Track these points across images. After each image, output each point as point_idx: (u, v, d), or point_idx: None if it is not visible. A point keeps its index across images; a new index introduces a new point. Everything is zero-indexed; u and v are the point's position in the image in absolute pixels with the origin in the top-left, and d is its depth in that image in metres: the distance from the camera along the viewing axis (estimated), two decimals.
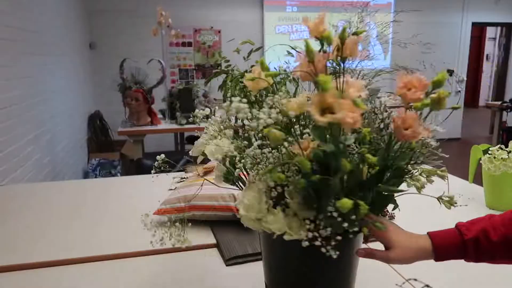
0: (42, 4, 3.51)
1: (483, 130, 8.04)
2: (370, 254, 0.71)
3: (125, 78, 3.46)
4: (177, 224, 0.80)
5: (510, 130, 5.36)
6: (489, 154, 1.37)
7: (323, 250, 0.60)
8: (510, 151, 1.33)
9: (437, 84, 0.60)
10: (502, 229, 0.68)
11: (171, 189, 1.64)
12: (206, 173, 1.44)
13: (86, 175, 4.56)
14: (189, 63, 6.20)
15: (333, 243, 0.60)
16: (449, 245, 0.70)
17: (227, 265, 1.07)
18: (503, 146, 1.35)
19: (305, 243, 0.61)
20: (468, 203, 1.48)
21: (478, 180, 1.60)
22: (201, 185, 1.28)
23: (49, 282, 1.01)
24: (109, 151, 5.01)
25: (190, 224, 0.90)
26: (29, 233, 1.27)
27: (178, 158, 3.18)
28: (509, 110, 5.27)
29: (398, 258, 0.69)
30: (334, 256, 0.60)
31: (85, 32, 5.52)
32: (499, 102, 5.38)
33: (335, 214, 0.58)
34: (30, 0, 3.18)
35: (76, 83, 4.80)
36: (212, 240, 1.20)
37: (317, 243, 0.60)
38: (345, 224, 0.59)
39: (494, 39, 10.84)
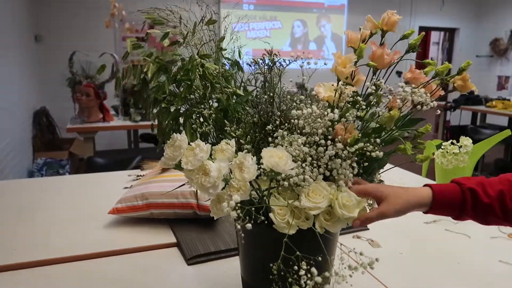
0: None
1: None
2: (366, 219, 0.68)
3: (75, 72, 3.28)
4: None
5: (453, 129, 5.68)
6: (442, 149, 1.43)
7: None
8: (461, 146, 1.40)
9: None
10: (499, 185, 0.69)
11: (127, 187, 1.56)
12: (165, 170, 1.38)
13: (31, 176, 4.28)
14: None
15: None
16: (449, 194, 0.70)
17: (189, 265, 1.03)
18: (455, 141, 1.41)
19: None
20: None
21: (430, 174, 1.67)
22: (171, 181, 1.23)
23: None
24: (57, 150, 4.73)
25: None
26: None
27: (133, 155, 3.06)
28: (452, 109, 5.58)
29: (391, 209, 0.68)
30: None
31: (30, 24, 5.17)
32: (444, 102, 5.70)
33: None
34: None
35: (20, 77, 4.48)
36: (172, 239, 1.15)
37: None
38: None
39: (438, 43, 11.47)
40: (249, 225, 0.56)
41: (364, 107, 0.67)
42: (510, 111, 4.90)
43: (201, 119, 0.68)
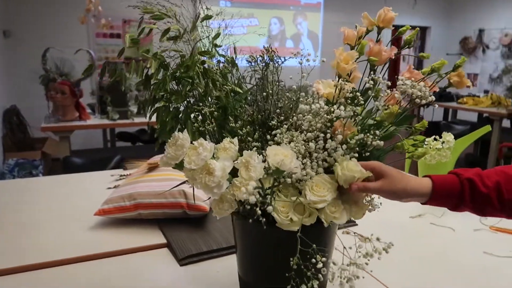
0: None
1: None
2: (363, 187, 0.69)
3: (49, 69, 3.16)
4: None
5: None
6: (425, 144, 1.46)
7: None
8: (443, 142, 1.43)
9: None
10: (495, 177, 0.71)
11: (110, 188, 1.52)
12: (151, 169, 1.35)
13: (2, 177, 4.11)
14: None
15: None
16: (448, 185, 0.71)
17: (181, 265, 1.01)
18: (437, 137, 1.44)
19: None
20: None
21: (412, 169, 1.71)
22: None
23: None
24: (28, 150, 4.57)
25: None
26: None
27: (111, 155, 2.99)
28: (426, 106, 5.74)
29: (390, 186, 0.69)
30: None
31: None
32: None
33: None
34: None
35: None
36: (162, 240, 1.13)
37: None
38: None
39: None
40: (269, 208, 0.56)
41: (362, 102, 0.68)
42: (480, 107, 5.08)
43: (200, 117, 0.67)
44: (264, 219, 0.59)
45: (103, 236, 1.15)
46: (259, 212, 0.59)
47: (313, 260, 0.62)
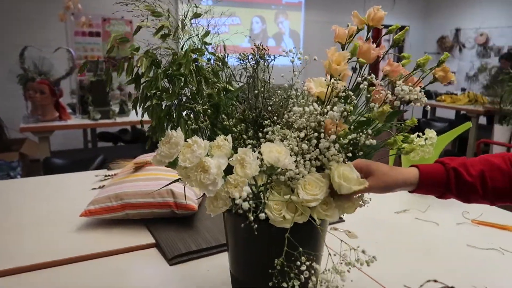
0: None
1: None
2: (353, 192, 0.69)
3: (27, 68, 3.08)
4: None
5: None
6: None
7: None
8: (426, 138, 1.46)
9: None
10: (479, 165, 0.75)
11: (96, 188, 1.50)
12: (138, 168, 1.34)
13: None
14: (97, 54, 5.76)
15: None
16: (434, 174, 0.74)
17: (170, 265, 1.01)
18: (420, 134, 1.47)
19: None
20: None
21: (395, 165, 1.74)
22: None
23: None
24: (5, 151, 4.44)
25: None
26: None
27: (92, 155, 2.94)
28: (405, 104, 5.85)
29: (378, 183, 0.71)
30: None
31: None
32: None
33: None
34: None
35: None
36: (150, 240, 1.12)
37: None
38: None
39: (389, 40, 11.97)
40: (262, 215, 0.56)
41: (355, 101, 0.69)
42: (458, 104, 5.21)
43: (192, 115, 0.66)
44: (256, 226, 0.59)
45: (90, 238, 1.13)
46: (252, 218, 0.59)
47: (298, 262, 0.62)
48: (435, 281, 0.61)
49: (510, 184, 0.74)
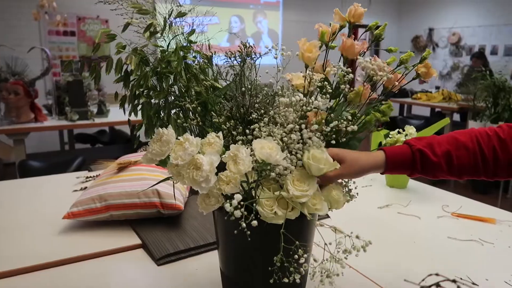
0: None
1: None
2: (325, 179, 0.72)
3: None
4: None
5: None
6: (389, 137, 1.53)
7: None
8: (406, 135, 1.50)
9: None
10: (446, 146, 0.78)
11: (77, 190, 1.47)
12: (121, 169, 1.32)
13: None
14: (72, 54, 5.63)
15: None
16: (400, 155, 0.78)
17: (158, 265, 1.00)
18: (401, 130, 1.51)
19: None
20: (372, 183, 1.64)
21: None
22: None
23: None
24: None
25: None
26: None
27: (70, 158, 2.87)
28: (383, 101, 5.96)
29: (349, 170, 0.74)
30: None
31: None
32: (376, 95, 6.06)
33: None
34: None
35: None
36: (136, 241, 1.10)
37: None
38: None
39: (365, 39, 12.17)
40: (254, 222, 0.56)
41: (331, 90, 0.70)
42: (433, 102, 5.35)
43: (181, 113, 0.66)
44: (248, 232, 0.59)
45: (73, 240, 1.11)
46: (244, 225, 0.59)
47: (296, 256, 0.63)
48: (436, 274, 0.63)
49: (475, 162, 0.78)
